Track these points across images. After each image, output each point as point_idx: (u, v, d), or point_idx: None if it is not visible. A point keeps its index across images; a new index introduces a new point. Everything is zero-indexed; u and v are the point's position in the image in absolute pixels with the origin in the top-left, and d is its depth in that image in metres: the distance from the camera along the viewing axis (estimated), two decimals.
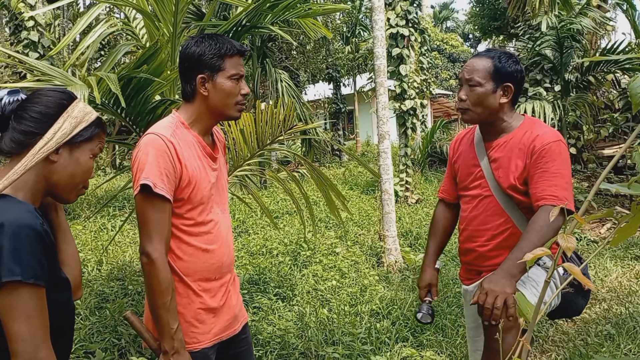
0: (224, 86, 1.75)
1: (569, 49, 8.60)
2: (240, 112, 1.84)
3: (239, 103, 1.80)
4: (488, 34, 15.60)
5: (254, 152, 3.13)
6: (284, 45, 13.73)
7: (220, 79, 1.75)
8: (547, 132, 2.09)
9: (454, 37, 36.24)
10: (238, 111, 1.82)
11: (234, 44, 1.76)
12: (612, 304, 4.50)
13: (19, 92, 1.40)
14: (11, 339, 1.19)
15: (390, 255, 6.01)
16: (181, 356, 1.65)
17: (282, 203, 9.15)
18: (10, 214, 1.22)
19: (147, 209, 1.65)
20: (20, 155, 1.33)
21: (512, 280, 1.86)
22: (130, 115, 2.77)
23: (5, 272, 1.17)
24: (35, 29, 7.96)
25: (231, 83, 1.76)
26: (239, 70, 1.77)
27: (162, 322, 1.63)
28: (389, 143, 6.19)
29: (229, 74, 1.75)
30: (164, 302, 1.62)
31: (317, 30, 3.67)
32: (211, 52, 1.73)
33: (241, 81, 1.79)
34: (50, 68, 2.46)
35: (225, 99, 1.77)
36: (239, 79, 1.78)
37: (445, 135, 17.40)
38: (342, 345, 3.61)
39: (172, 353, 1.64)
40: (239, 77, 1.78)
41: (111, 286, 4.49)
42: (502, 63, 2.11)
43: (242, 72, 1.79)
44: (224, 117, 1.85)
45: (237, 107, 1.80)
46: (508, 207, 2.14)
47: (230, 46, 1.75)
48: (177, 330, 1.64)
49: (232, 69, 1.75)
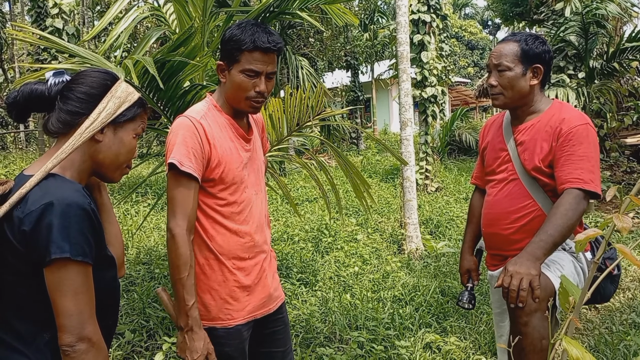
0: (235, 79, 1.75)
1: (593, 35, 8.44)
2: (254, 108, 1.80)
3: (251, 99, 1.77)
4: (509, 20, 15.36)
5: (281, 137, 3.16)
6: (302, 33, 13.68)
7: (234, 71, 1.75)
8: (574, 115, 2.08)
9: (473, 24, 35.79)
10: (250, 107, 1.79)
11: (256, 40, 1.70)
12: (636, 293, 4.47)
13: (63, 74, 1.43)
14: (59, 313, 1.23)
15: (412, 242, 6.01)
16: (194, 334, 1.67)
17: (301, 190, 9.19)
18: (60, 192, 1.26)
19: (174, 187, 1.69)
20: (66, 136, 1.37)
21: (537, 263, 1.87)
22: (162, 100, 2.81)
23: (55, 249, 1.21)
24: (60, 16, 8.03)
25: (243, 77, 1.73)
26: (256, 66, 1.72)
27: (179, 297, 1.67)
28: (411, 130, 6.17)
29: (242, 68, 1.73)
30: (181, 278, 1.65)
31: (343, 17, 3.66)
32: (232, 43, 1.73)
33: (258, 78, 1.74)
34: (86, 52, 2.50)
35: (236, 92, 1.77)
36: (255, 75, 1.73)
37: (464, 124, 17.27)
38: (366, 330, 3.65)
39: (186, 330, 1.67)
40: (254, 74, 1.73)
41: (138, 270, 4.58)
42: (529, 45, 2.11)
43: (260, 70, 1.73)
44: (238, 108, 1.82)
45: (248, 102, 1.77)
46: (533, 190, 2.14)
47: (250, 40, 1.70)
48: (192, 307, 1.66)
49: (247, 64, 1.72)
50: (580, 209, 1.96)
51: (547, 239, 1.90)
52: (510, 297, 1.84)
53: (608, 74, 8.85)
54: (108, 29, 8.98)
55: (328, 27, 13.78)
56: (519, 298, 1.82)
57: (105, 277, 1.40)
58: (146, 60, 2.17)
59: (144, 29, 11.49)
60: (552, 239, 1.90)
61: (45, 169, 1.29)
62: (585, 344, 3.53)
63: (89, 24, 15.90)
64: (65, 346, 1.23)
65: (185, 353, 1.67)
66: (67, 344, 1.23)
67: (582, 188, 1.96)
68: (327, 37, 15.21)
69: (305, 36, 14.19)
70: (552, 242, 1.90)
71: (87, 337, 1.24)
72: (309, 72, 9.91)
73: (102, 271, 1.37)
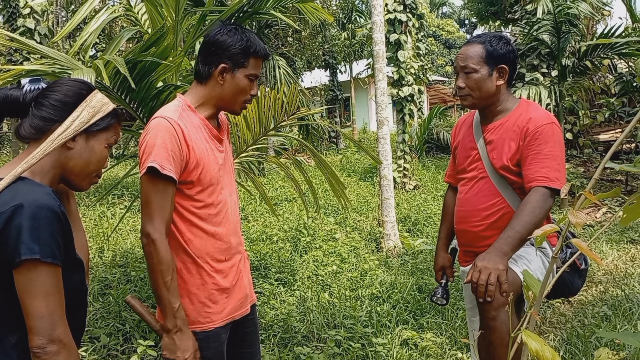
0: (239, 82, 1.79)
1: (566, 34, 8.59)
2: (242, 110, 1.90)
3: (246, 102, 1.86)
4: (485, 19, 15.53)
5: (257, 137, 3.15)
6: (280, 32, 13.67)
7: (240, 74, 1.79)
8: (540, 115, 2.14)
9: (450, 23, 36.15)
10: (241, 109, 1.88)
11: (263, 47, 1.82)
12: (608, 286, 4.58)
13: (40, 81, 1.44)
14: (29, 315, 1.23)
15: (390, 240, 6.06)
16: (184, 334, 1.68)
17: (280, 190, 9.19)
18: (30, 195, 1.26)
19: (152, 190, 1.68)
20: (38, 141, 1.37)
21: (504, 258, 1.91)
22: (134, 100, 2.78)
23: (25, 250, 1.20)
24: (32, 16, 7.89)
25: (247, 82, 1.81)
26: (257, 72, 1.83)
27: (164, 301, 1.66)
28: (388, 129, 6.22)
29: (248, 73, 1.79)
30: (165, 282, 1.65)
31: (317, 15, 3.67)
32: (240, 47, 1.77)
33: (254, 82, 1.85)
34: (56, 52, 2.47)
35: (237, 95, 1.82)
36: (254, 80, 1.83)
37: (442, 122, 17.44)
38: (344, 328, 3.67)
39: (174, 331, 1.67)
40: (254, 78, 1.83)
41: (114, 273, 4.53)
42: (493, 46, 2.16)
43: (259, 75, 1.85)
44: (226, 110, 1.89)
45: (242, 104, 1.86)
46: (502, 188, 2.19)
47: (259, 48, 1.80)
48: (178, 308, 1.67)
49: (253, 69, 1.80)
50: (546, 206, 2.02)
51: (515, 235, 1.95)
52: (479, 292, 1.88)
53: (580, 72, 9.03)
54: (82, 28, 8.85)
55: (305, 26, 13.79)
56: (487, 292, 1.86)
57: (73, 279, 1.39)
58: (117, 60, 2.15)
59: (120, 29, 11.36)
60: (519, 235, 1.95)
61: (15, 173, 1.29)
62: (558, 337, 3.60)
63: (63, 24, 15.63)
64: (36, 348, 1.22)
65: (177, 354, 1.67)
66: (38, 345, 1.22)
67: (548, 186, 2.02)
68: (305, 37, 15.21)
69: (283, 35, 14.17)
70: (519, 238, 1.95)
71: (58, 338, 1.24)
72: (286, 72, 9.91)
73: (71, 274, 1.37)
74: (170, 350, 1.68)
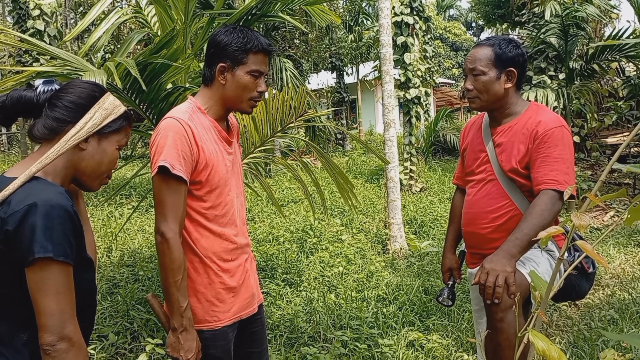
0: (241, 79, 1.80)
1: (573, 37, 8.57)
2: (253, 108, 1.89)
3: (253, 99, 1.85)
4: (492, 22, 15.52)
5: (265, 138, 3.18)
6: (287, 34, 13.70)
7: (240, 72, 1.79)
8: (550, 118, 2.14)
9: (457, 26, 36.09)
10: (250, 107, 1.87)
11: (262, 42, 1.80)
12: (615, 290, 4.56)
13: (53, 82, 1.47)
14: (40, 313, 1.25)
15: (396, 242, 6.07)
16: (189, 334, 1.70)
17: (287, 191, 9.21)
18: (43, 194, 1.28)
19: (164, 190, 1.70)
20: (50, 142, 1.40)
21: (512, 260, 1.92)
22: (144, 102, 2.81)
23: (38, 249, 1.23)
24: (41, 18, 7.96)
25: (249, 78, 1.80)
26: (260, 67, 1.81)
27: (173, 299, 1.69)
28: (395, 131, 6.23)
29: (249, 69, 1.79)
30: (175, 281, 1.68)
31: (324, 17, 3.69)
32: (237, 44, 1.77)
33: (260, 79, 1.83)
34: (67, 54, 2.51)
35: (240, 92, 1.82)
36: (259, 76, 1.82)
37: (448, 124, 17.41)
38: (350, 329, 3.68)
39: (180, 330, 1.70)
40: (258, 74, 1.82)
41: (122, 272, 4.56)
42: (502, 49, 2.17)
43: (263, 70, 1.83)
44: (235, 109, 1.89)
45: (250, 102, 1.85)
46: (510, 190, 2.19)
47: (257, 42, 1.79)
48: (186, 308, 1.70)
49: (254, 65, 1.79)
50: (555, 209, 2.02)
51: (523, 237, 1.95)
52: (487, 294, 1.88)
53: (588, 75, 9.00)
54: (91, 30, 8.92)
55: (312, 28, 13.81)
56: (494, 294, 1.86)
57: (83, 278, 1.41)
58: (128, 62, 2.18)
59: (128, 31, 11.42)
60: (528, 237, 1.95)
61: (29, 172, 1.31)
62: (565, 340, 3.60)
63: (72, 26, 15.74)
64: (46, 345, 1.24)
65: (180, 353, 1.69)
66: (48, 343, 1.24)
67: (557, 189, 2.02)
68: (312, 39, 15.24)
69: (290, 38, 14.21)
70: (527, 241, 1.95)
71: (68, 336, 1.26)
72: (293, 74, 9.94)
73: (82, 273, 1.39)
74: (174, 348, 1.71)
